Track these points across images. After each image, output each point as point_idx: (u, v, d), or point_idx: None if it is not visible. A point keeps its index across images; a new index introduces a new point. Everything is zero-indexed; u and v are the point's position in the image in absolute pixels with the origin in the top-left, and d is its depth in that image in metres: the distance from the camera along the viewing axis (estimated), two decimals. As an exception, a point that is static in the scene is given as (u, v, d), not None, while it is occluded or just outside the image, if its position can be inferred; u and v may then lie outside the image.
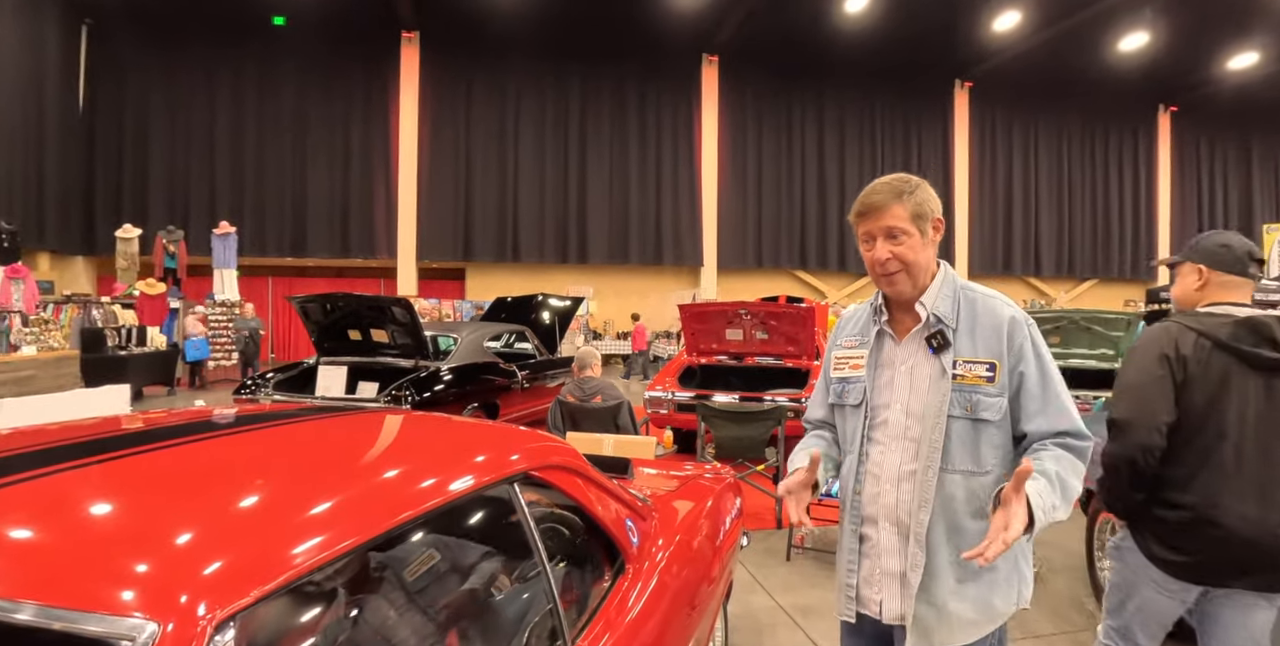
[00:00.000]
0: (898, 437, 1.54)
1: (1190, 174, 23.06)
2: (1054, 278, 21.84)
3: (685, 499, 2.52)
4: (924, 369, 1.54)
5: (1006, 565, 1.54)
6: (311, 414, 1.80)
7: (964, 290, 1.58)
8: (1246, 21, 16.53)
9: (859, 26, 16.48)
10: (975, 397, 1.48)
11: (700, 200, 18.89)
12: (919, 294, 1.55)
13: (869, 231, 1.54)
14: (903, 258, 1.51)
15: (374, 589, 1.19)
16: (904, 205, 1.50)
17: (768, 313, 7.27)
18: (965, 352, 1.51)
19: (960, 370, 1.50)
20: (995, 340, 1.51)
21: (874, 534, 1.57)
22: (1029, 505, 1.32)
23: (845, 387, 1.64)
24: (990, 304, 1.55)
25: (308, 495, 1.13)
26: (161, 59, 16.41)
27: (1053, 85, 20.53)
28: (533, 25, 16.84)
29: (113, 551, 0.90)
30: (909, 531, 1.51)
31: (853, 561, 1.59)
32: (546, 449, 1.68)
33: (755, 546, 4.56)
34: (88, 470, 1.17)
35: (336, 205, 17.25)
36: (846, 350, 1.67)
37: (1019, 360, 1.50)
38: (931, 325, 1.54)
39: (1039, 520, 1.33)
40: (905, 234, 1.51)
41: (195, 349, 12.46)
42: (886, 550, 1.55)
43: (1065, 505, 1.41)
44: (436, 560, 1.34)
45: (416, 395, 6.00)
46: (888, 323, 1.61)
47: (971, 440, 1.49)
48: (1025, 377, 1.49)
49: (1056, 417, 1.48)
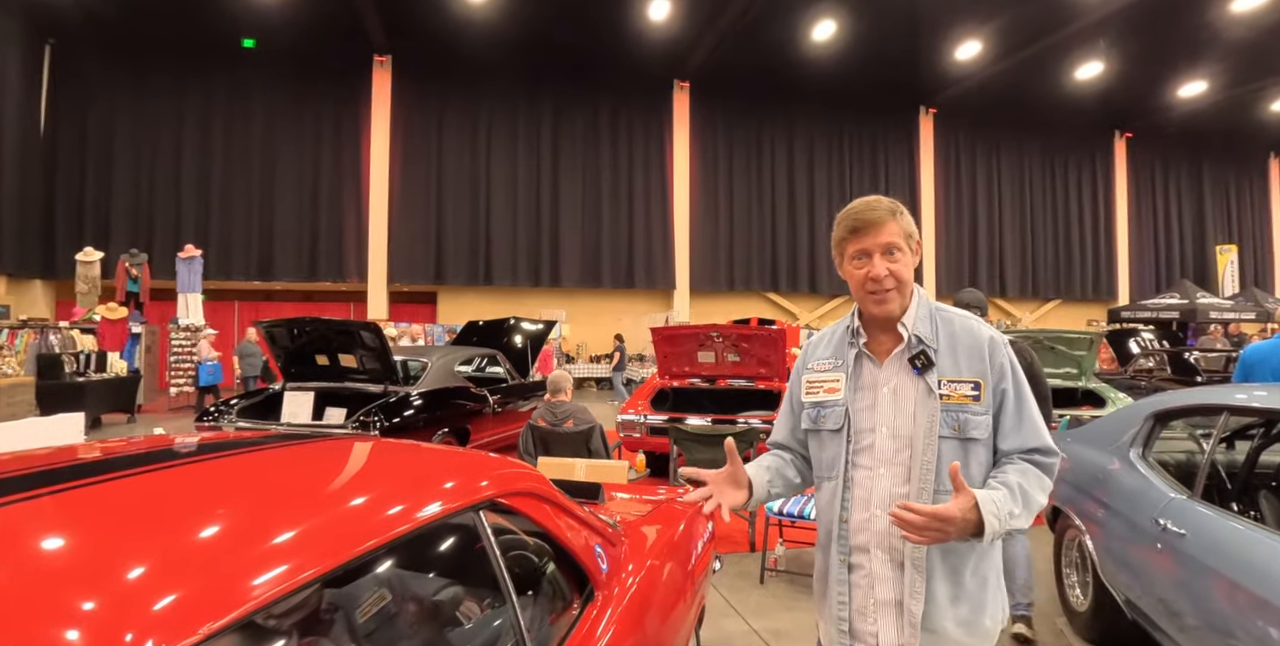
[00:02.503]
0: (886, 462, 1.51)
1: (1146, 197, 23.77)
2: (1019, 298, 22.27)
3: (656, 523, 2.50)
4: (908, 390, 1.51)
5: (992, 578, 1.53)
6: (275, 441, 1.76)
7: (939, 312, 1.58)
8: (1194, 53, 17.20)
9: (826, 54, 16.85)
10: (963, 417, 1.48)
11: (672, 223, 19.02)
12: (902, 314, 1.54)
13: (865, 248, 1.52)
14: (899, 275, 1.51)
15: (335, 621, 1.16)
16: (899, 223, 1.52)
17: (739, 335, 7.30)
18: (949, 372, 1.50)
19: (946, 389, 1.49)
20: (978, 359, 1.51)
21: (866, 562, 1.52)
22: (980, 509, 1.33)
23: (821, 412, 1.60)
24: (968, 324, 1.56)
25: (266, 525, 1.11)
26: (127, 79, 16.22)
27: (1014, 111, 21.13)
28: (505, 50, 16.97)
29: (56, 588, 0.87)
30: (904, 557, 1.47)
31: (843, 593, 1.54)
32: (513, 475, 1.67)
33: (728, 570, 4.53)
34: (36, 502, 1.13)
35: (305, 228, 17.07)
36: (820, 374, 1.63)
37: (1000, 378, 1.51)
38: (914, 345, 1.52)
39: (990, 524, 1.34)
40: (900, 251, 1.51)
41: (209, 373, 12.12)
42: (880, 579, 1.50)
43: (1026, 514, 1.42)
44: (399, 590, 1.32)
45: (385, 421, 5.90)
46: (866, 345, 1.58)
47: (961, 460, 1.46)
48: (1005, 396, 1.51)
49: (1029, 435, 1.50)
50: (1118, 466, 3.33)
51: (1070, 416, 6.29)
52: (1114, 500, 3.23)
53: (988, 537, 1.35)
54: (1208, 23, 15.51)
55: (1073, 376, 7.55)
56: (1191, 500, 2.76)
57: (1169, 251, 23.96)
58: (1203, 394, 3.33)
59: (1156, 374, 10.65)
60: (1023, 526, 1.41)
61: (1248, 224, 24.89)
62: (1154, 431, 3.31)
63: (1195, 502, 2.73)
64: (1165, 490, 2.92)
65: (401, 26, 15.94)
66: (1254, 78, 18.46)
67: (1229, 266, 23.10)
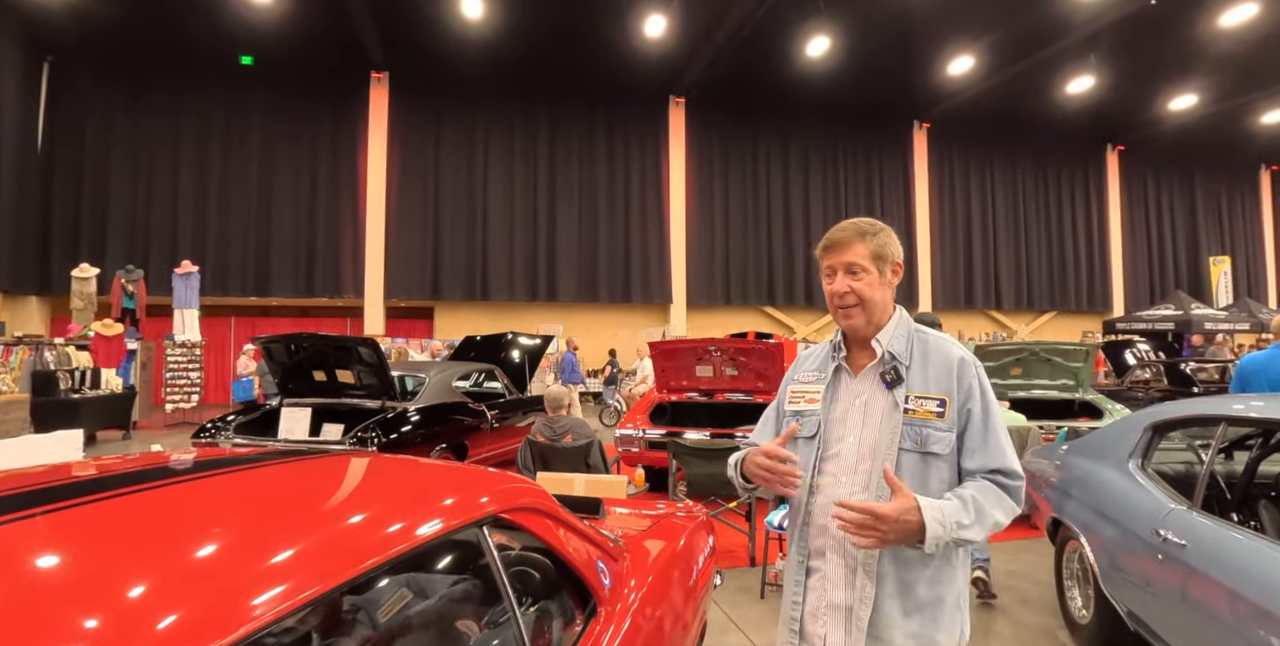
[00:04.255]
0: (849, 471, 1.57)
1: (1139, 209, 23.93)
2: (1014, 310, 22.33)
3: (657, 538, 2.49)
4: (877, 403, 1.59)
5: (950, 598, 1.55)
6: (273, 458, 1.75)
7: (918, 332, 1.66)
8: (1184, 67, 17.40)
9: (821, 70, 16.99)
10: (925, 431, 1.53)
11: (669, 238, 19.08)
12: (874, 331, 1.63)
13: (831, 265, 1.63)
14: (859, 293, 1.59)
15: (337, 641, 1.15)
16: (866, 244, 1.61)
17: (737, 349, 7.30)
18: (917, 388, 1.57)
19: (912, 404, 1.55)
20: (946, 378, 1.57)
21: (822, 566, 1.58)
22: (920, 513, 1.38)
23: (799, 420, 1.68)
24: (941, 344, 1.63)
25: (267, 543, 1.10)
26: (125, 96, 16.28)
27: (1006, 126, 21.30)
28: (502, 66, 17.09)
29: (53, 609, 0.86)
30: (858, 564, 1.52)
31: (798, 594, 1.61)
32: (515, 490, 1.66)
33: (729, 585, 4.51)
34: (34, 521, 1.12)
35: (302, 244, 17.08)
36: (803, 384, 1.73)
37: (967, 398, 1.56)
38: (886, 362, 1.60)
39: (933, 529, 1.38)
40: (864, 271, 1.60)
41: (244, 389, 12.01)
42: (834, 582, 1.56)
43: (979, 528, 1.45)
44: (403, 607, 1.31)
45: (383, 436, 5.88)
46: (845, 359, 1.68)
47: (920, 473, 1.53)
48: (971, 416, 1.56)
49: (993, 455, 1.54)
50: (1117, 478, 3.33)
51: (1068, 428, 6.30)
52: (1114, 511, 3.22)
53: (929, 542, 1.39)
54: (1196, 37, 15.70)
55: (1069, 388, 7.57)
56: (1191, 511, 2.76)
57: (1163, 263, 24.09)
58: (1200, 404, 3.33)
59: (1153, 385, 10.67)
60: (974, 539, 1.45)
61: (1240, 235, 25.06)
62: (1152, 442, 3.32)
63: (1195, 513, 2.73)
64: (1165, 501, 2.92)
65: (398, 43, 16.05)
66: (1243, 91, 18.66)
67: (1222, 277, 23.22)
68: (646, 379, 14.28)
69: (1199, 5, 14.36)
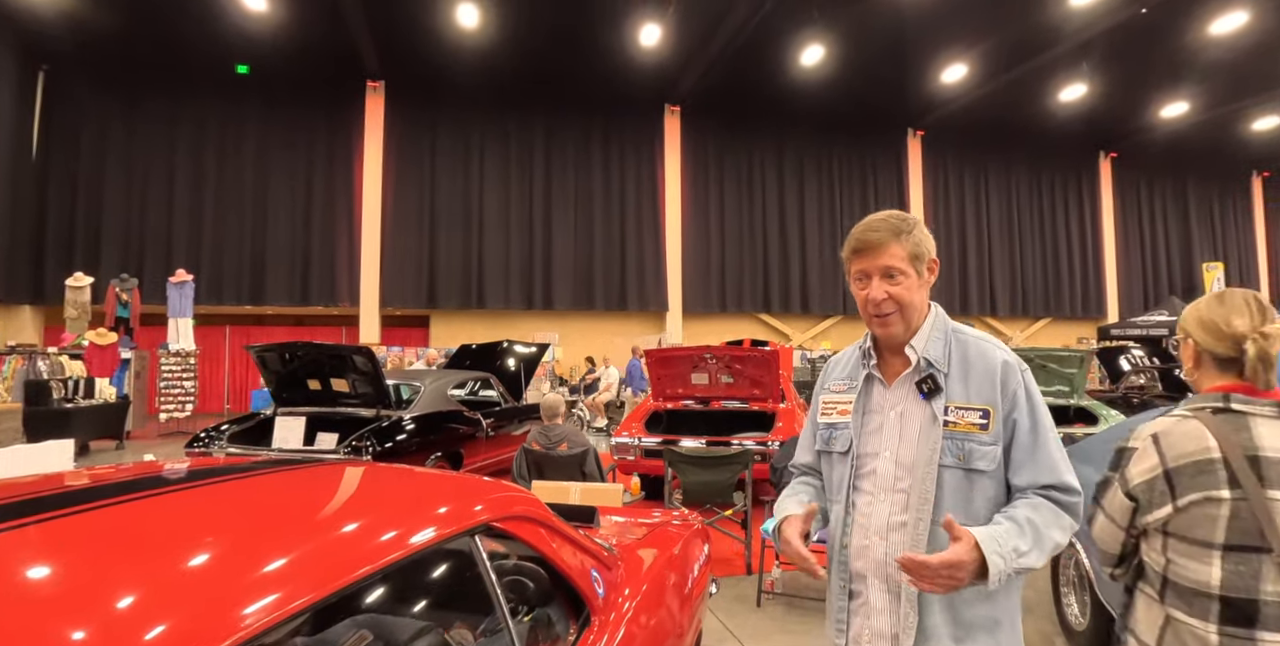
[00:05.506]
0: (886, 488, 1.46)
1: (1132, 216, 24.05)
2: (1009, 317, 22.39)
3: (652, 546, 2.48)
4: (914, 415, 1.46)
5: (1006, 620, 1.42)
6: (266, 467, 1.75)
7: (955, 333, 1.51)
8: (1176, 74, 17.52)
9: (815, 79, 17.08)
10: (968, 446, 1.40)
11: (664, 246, 19.10)
12: (910, 336, 1.49)
13: (864, 270, 1.47)
14: (899, 298, 1.45)
15: (327, 650, 1.15)
16: (902, 244, 1.45)
17: (733, 356, 7.30)
18: (958, 398, 1.43)
19: (952, 416, 1.42)
20: (989, 386, 1.43)
21: (864, 590, 1.47)
22: (980, 549, 1.25)
23: (832, 434, 1.57)
24: (982, 347, 1.49)
25: (257, 553, 1.10)
26: (120, 105, 16.27)
27: (1000, 133, 21.42)
28: (497, 75, 17.14)
29: (46, 618, 0.86)
30: (900, 589, 1.40)
31: (841, 620, 1.50)
32: (508, 499, 1.66)
33: (725, 593, 4.49)
34: (23, 531, 1.12)
35: (298, 252, 17.06)
36: (834, 394, 1.60)
37: (1013, 407, 1.42)
38: (922, 369, 1.47)
39: (995, 566, 1.25)
40: (902, 274, 1.45)
41: (264, 399, 11.95)
42: (877, 609, 1.45)
43: (1038, 552, 1.32)
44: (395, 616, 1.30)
45: (377, 445, 5.86)
46: (876, 366, 1.54)
47: (964, 492, 1.40)
48: (1018, 427, 1.42)
49: (1044, 470, 1.40)
50: (1112, 484, 3.32)
51: (1064, 434, 6.31)
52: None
53: (993, 579, 1.26)
54: (1188, 45, 15.83)
55: (1064, 394, 7.58)
56: None
57: (1156, 269, 24.19)
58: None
59: (1148, 390, 10.69)
60: (1034, 566, 1.32)
61: (1233, 241, 25.20)
62: (1147, 448, 3.31)
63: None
64: (1160, 507, 2.91)
65: (394, 52, 16.10)
66: (1234, 98, 18.80)
67: (1216, 283, 23.33)
68: (610, 386, 14.30)
69: (1190, 13, 14.48)
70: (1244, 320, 1.46)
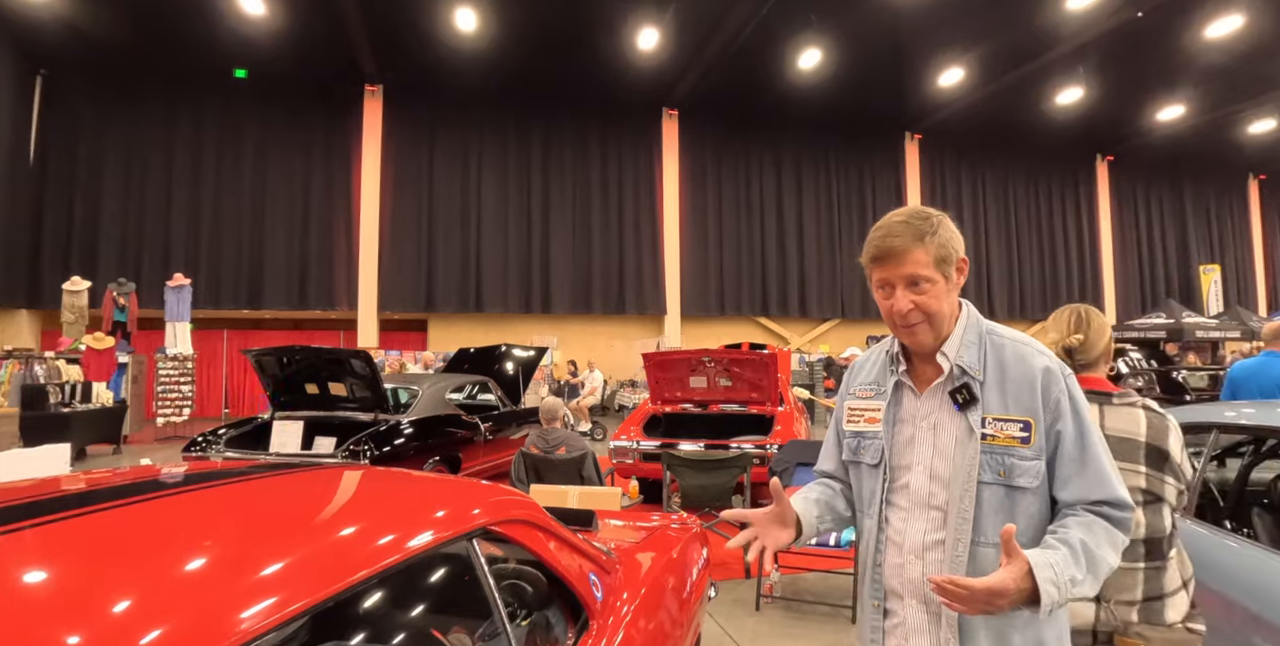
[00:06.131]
0: (921, 505, 1.36)
1: (1129, 219, 24.11)
2: (1007, 320, 22.38)
3: (651, 550, 2.48)
4: (949, 427, 1.36)
5: (1051, 639, 1.33)
6: (264, 471, 1.74)
7: (990, 335, 1.41)
8: (1172, 78, 17.59)
9: (812, 82, 17.12)
10: (1009, 461, 1.30)
11: (662, 249, 19.12)
12: (941, 342, 1.38)
13: (886, 279, 1.36)
14: (925, 308, 1.34)
15: (324, 655, 1.14)
16: (926, 249, 1.33)
17: (731, 360, 7.30)
18: (995, 409, 1.33)
19: (990, 429, 1.31)
20: (1029, 394, 1.32)
21: (899, 610, 1.39)
22: (1034, 576, 1.16)
23: (861, 444, 1.47)
24: (1021, 351, 1.37)
25: (255, 557, 1.09)
26: (118, 109, 16.27)
27: (997, 136, 21.47)
28: (495, 79, 17.16)
29: (40, 623, 0.85)
30: (940, 610, 1.30)
31: (877, 640, 1.42)
32: (506, 503, 1.65)
33: (723, 597, 4.48)
34: (19, 535, 1.11)
35: (295, 256, 17.05)
36: (861, 401, 1.50)
37: (1056, 417, 1.31)
38: (955, 378, 1.36)
39: (1048, 593, 1.15)
40: (928, 282, 1.33)
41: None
42: (915, 630, 1.36)
43: (1093, 580, 1.22)
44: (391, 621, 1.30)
45: (375, 450, 5.85)
46: (906, 373, 1.44)
47: (1006, 510, 1.30)
48: (1062, 438, 1.31)
49: (1093, 484, 1.29)
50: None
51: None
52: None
53: (1044, 610, 1.16)
54: (1183, 49, 15.88)
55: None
56: (1185, 519, 2.76)
57: (1153, 272, 24.24)
58: (1192, 412, 3.34)
59: (1145, 393, 10.70)
60: (1088, 594, 1.22)
61: (1230, 243, 25.25)
62: (1145, 451, 3.31)
63: (1188, 521, 2.73)
64: (1159, 510, 2.91)
65: (392, 56, 16.12)
66: (1230, 101, 18.86)
67: (1213, 286, 23.38)
68: (595, 390, 14.28)
69: (1185, 17, 14.53)
70: (1058, 333, 2.12)
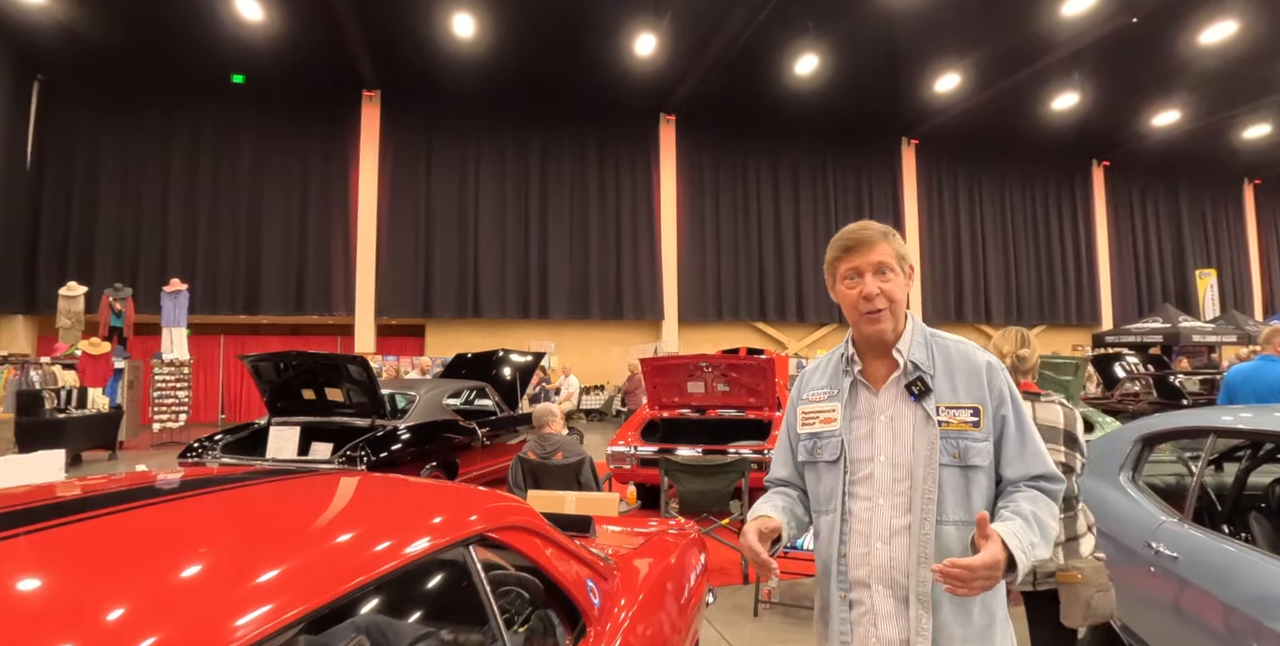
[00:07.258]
0: (885, 492, 1.46)
1: (1125, 224, 24.18)
2: (1004, 325, 22.24)
3: (648, 556, 2.47)
4: (906, 417, 1.49)
5: (1000, 612, 1.47)
6: (260, 477, 1.74)
7: (934, 337, 1.57)
8: (1167, 83, 17.68)
9: (810, 88, 17.17)
10: (963, 444, 1.44)
11: (660, 255, 19.13)
12: (896, 338, 1.53)
13: (856, 267, 1.51)
14: (890, 295, 1.50)
15: (320, 662, 1.14)
16: (890, 244, 1.52)
17: (729, 365, 7.29)
18: (946, 398, 1.48)
19: (944, 416, 1.46)
20: (976, 385, 1.49)
21: (867, 598, 1.46)
22: (1006, 546, 1.29)
23: (817, 443, 1.56)
24: (964, 349, 1.55)
25: (251, 564, 1.09)
26: (115, 114, 16.26)
27: (994, 142, 21.54)
28: (493, 85, 17.20)
29: (35, 631, 0.85)
30: (908, 592, 1.41)
31: (845, 632, 1.48)
32: (503, 509, 1.65)
33: (721, 603, 4.47)
34: (13, 542, 1.11)
35: (292, 262, 17.03)
36: (815, 404, 1.59)
37: (1000, 404, 1.49)
38: (910, 372, 1.50)
39: (1020, 560, 1.30)
40: (892, 271, 1.51)
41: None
42: (883, 616, 1.44)
43: (1045, 543, 1.38)
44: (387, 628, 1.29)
45: (372, 455, 5.83)
46: (861, 372, 1.56)
47: (963, 488, 1.44)
48: (1006, 422, 1.48)
49: (1033, 461, 1.47)
50: (1108, 490, 3.33)
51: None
52: (1105, 524, 3.22)
53: (1021, 574, 1.30)
54: (1178, 54, 15.96)
55: (1060, 401, 7.59)
56: (1183, 523, 2.76)
57: (1150, 276, 24.30)
58: (1189, 416, 3.34)
59: (1142, 397, 10.71)
60: (1044, 556, 1.37)
61: (1225, 248, 25.33)
62: (1143, 455, 3.32)
63: (1186, 525, 2.73)
64: (1156, 513, 2.92)
65: (390, 62, 16.14)
66: (1225, 106, 18.95)
67: (1209, 290, 23.43)
68: (571, 395, 14.28)
69: (1180, 23, 14.61)
70: (1009, 345, 2.59)
